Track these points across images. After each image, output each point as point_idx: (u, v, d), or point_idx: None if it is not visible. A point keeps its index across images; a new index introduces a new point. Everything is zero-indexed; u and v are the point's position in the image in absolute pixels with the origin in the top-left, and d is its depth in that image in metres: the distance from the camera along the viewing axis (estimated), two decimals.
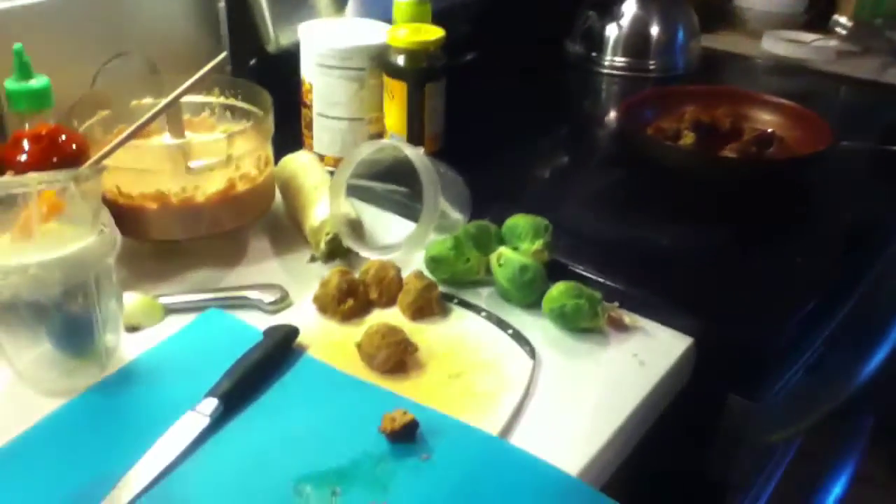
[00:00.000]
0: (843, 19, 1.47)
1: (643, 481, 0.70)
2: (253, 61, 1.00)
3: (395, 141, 0.78)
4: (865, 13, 1.45)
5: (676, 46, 1.31)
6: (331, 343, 0.68)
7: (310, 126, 0.93)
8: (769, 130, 0.99)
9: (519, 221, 0.77)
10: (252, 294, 0.72)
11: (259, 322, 0.69)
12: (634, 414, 0.62)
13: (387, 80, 0.88)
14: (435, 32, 0.88)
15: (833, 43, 1.39)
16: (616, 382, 0.65)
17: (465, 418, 0.60)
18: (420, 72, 0.87)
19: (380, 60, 0.88)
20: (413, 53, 0.86)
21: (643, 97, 1.06)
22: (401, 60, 0.87)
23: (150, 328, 0.69)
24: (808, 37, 1.40)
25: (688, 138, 0.98)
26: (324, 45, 0.88)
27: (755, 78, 1.35)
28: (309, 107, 0.92)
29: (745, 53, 1.41)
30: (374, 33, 0.90)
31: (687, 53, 1.32)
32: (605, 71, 1.32)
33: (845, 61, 1.36)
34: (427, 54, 0.87)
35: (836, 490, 1.12)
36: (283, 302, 0.72)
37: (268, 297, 0.72)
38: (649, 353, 0.68)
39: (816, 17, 1.49)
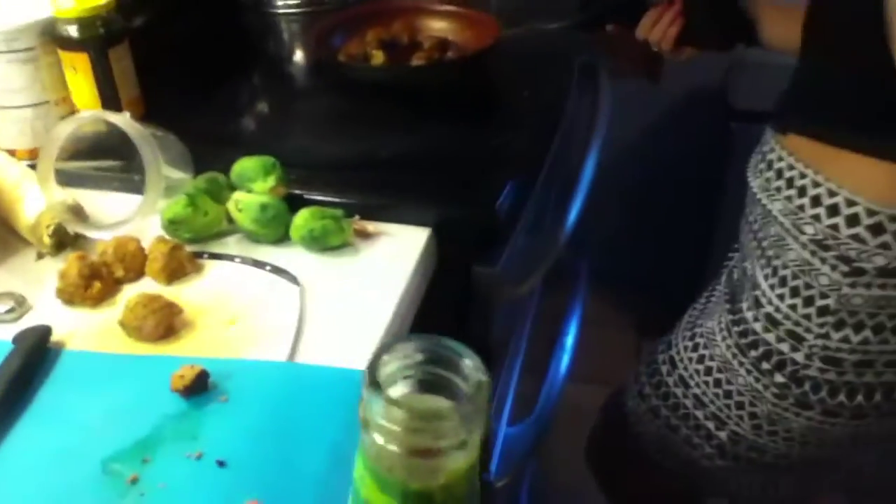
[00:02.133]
0: None
1: None
2: None
3: (97, 113, 0.75)
4: None
5: None
6: (90, 331, 0.66)
7: None
8: (444, 37, 1.09)
9: (246, 164, 0.79)
10: None
11: (2, 336, 0.64)
12: (399, 306, 0.69)
13: (64, 54, 0.83)
14: None
15: None
16: (376, 283, 0.71)
17: (251, 356, 0.63)
18: (99, 39, 0.83)
19: (52, 35, 0.82)
20: (86, 21, 0.82)
21: (328, 27, 1.10)
22: (74, 31, 0.82)
23: None
24: None
25: (377, 57, 1.04)
26: None
27: None
28: None
29: None
30: (35, 7, 0.83)
31: None
32: (282, 11, 1.34)
33: None
34: (101, 19, 0.83)
35: (571, 332, 1.30)
36: (21, 307, 0.68)
37: (1, 308, 0.67)
38: (397, 250, 0.75)
39: None
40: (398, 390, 0.24)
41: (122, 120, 0.71)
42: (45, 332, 0.64)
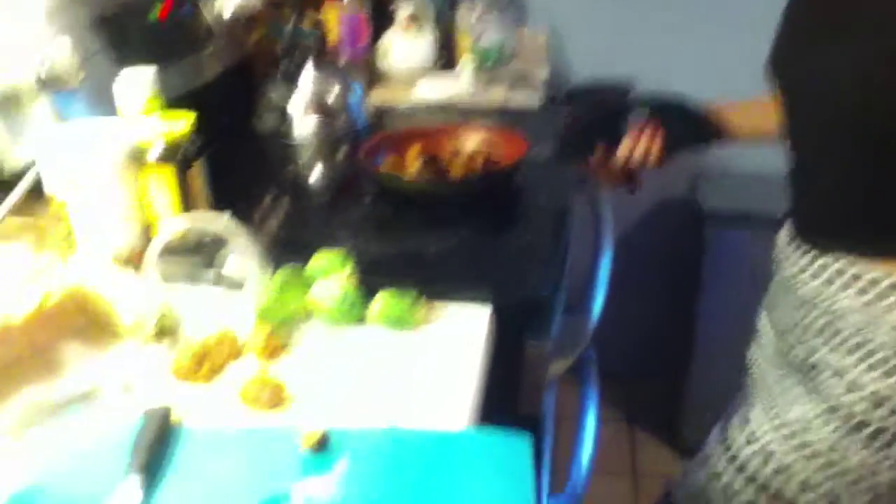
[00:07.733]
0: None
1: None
2: None
3: (198, 216, 0.83)
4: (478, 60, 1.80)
5: (355, 106, 1.51)
6: (203, 404, 0.73)
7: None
8: (481, 150, 1.22)
9: (321, 258, 0.88)
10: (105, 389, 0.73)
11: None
12: (482, 371, 0.77)
13: (149, 170, 0.92)
14: (187, 117, 0.94)
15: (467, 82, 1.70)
16: (457, 355, 0.79)
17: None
18: (182, 157, 0.93)
19: (135, 155, 0.92)
20: (171, 142, 0.92)
21: (373, 145, 1.22)
22: (160, 150, 0.92)
23: None
24: (449, 80, 1.70)
25: (414, 168, 1.16)
26: (76, 157, 0.89)
27: (418, 119, 1.60)
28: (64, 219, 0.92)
29: (400, 102, 1.66)
30: (118, 130, 0.93)
31: (364, 110, 1.53)
32: (298, 142, 1.46)
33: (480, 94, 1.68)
34: (183, 140, 0.93)
35: (591, 418, 1.34)
36: (130, 390, 0.74)
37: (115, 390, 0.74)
38: (465, 325, 0.84)
39: (446, 65, 1.80)
40: None
41: (225, 222, 0.80)
42: (167, 411, 0.70)
